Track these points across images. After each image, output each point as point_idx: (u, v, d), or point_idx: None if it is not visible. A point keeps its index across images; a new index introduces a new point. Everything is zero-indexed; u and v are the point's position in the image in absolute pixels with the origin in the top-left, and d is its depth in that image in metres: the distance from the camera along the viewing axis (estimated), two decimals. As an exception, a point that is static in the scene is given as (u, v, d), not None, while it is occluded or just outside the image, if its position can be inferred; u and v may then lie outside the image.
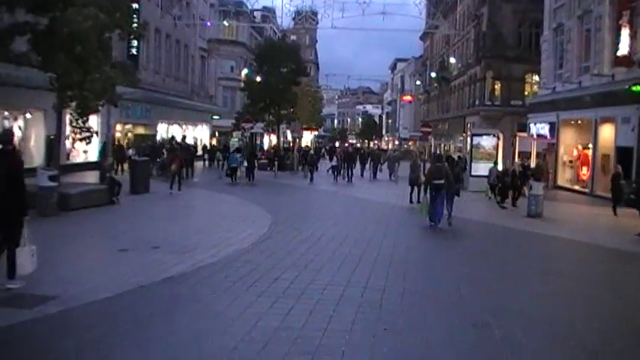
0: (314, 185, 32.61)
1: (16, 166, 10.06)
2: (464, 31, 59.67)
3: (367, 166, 43.48)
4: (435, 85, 76.34)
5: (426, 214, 19.12)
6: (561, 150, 35.00)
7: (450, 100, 68.77)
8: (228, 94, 70.97)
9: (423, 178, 22.63)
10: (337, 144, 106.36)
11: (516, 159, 34.21)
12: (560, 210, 24.44)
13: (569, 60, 34.28)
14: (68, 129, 21.87)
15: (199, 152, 46.80)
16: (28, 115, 29.23)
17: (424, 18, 53.86)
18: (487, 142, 34.82)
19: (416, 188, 24.53)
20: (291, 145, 64.38)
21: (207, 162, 46.33)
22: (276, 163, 41.88)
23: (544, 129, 36.97)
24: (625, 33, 27.35)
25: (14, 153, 10.46)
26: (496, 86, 50.91)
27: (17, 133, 28.74)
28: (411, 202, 24.50)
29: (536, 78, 45.81)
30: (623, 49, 27.45)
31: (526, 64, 47.45)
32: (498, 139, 35.58)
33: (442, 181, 18.64)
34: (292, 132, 62.38)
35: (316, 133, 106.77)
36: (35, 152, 28.18)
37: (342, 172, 37.47)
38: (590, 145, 31.44)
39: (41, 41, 18.54)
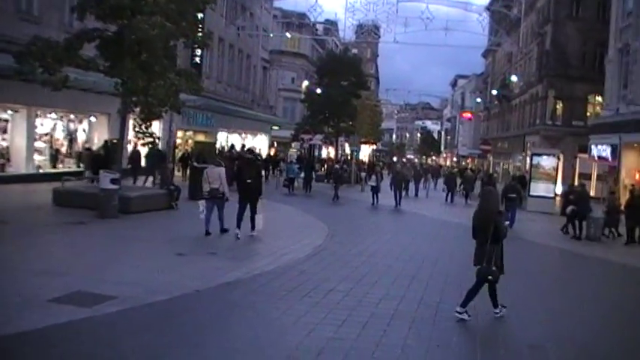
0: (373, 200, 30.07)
1: (259, 168, 19.24)
2: (527, 48, 58.90)
3: (423, 185, 42.69)
4: (496, 102, 75.55)
5: None
6: (623, 173, 34.24)
7: (510, 119, 67.94)
8: (289, 105, 71.42)
9: None
10: (395, 158, 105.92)
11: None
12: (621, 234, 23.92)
13: (634, 81, 33.56)
14: (131, 134, 22.28)
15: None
16: (92, 119, 29.93)
17: (487, 35, 53.38)
18: (547, 162, 34.45)
19: None
20: (349, 158, 64.35)
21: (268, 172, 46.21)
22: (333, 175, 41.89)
23: (606, 151, 36.25)
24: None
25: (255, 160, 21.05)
26: (558, 106, 50.02)
27: (81, 136, 29.56)
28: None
29: (599, 99, 44.94)
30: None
31: (589, 84, 46.56)
32: (559, 159, 35.11)
33: (514, 195, 24.32)
34: (350, 145, 62.22)
35: (374, 147, 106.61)
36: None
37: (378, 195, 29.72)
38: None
39: (108, 48, 18.97)
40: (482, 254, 9.61)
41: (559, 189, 35.52)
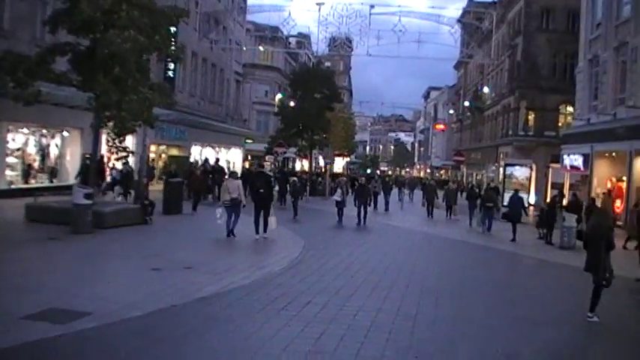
0: (347, 210, 28.17)
1: (268, 178, 21.68)
2: (498, 60, 59.53)
3: (398, 197, 42.63)
4: (469, 114, 76.15)
5: (480, 224, 26.87)
6: (595, 182, 34.56)
7: (483, 130, 68.53)
8: (262, 118, 71.42)
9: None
10: (369, 171, 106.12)
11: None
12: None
13: (604, 91, 33.97)
14: (104, 148, 22.10)
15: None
16: (65, 134, 29.65)
17: (459, 47, 53.69)
18: (520, 172, 34.76)
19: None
20: (323, 170, 64.45)
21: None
22: (307, 188, 41.92)
23: (577, 161, 36.58)
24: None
25: (265, 172, 24.76)
26: (530, 116, 50.61)
27: (54, 151, 29.29)
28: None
29: (570, 109, 45.44)
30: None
31: (560, 94, 47.14)
32: (531, 169, 35.38)
33: (491, 204, 26.58)
34: (325, 158, 62.35)
35: (348, 159, 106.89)
36: (71, 170, 28.55)
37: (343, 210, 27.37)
38: (625, 178, 31.06)
39: (81, 62, 18.80)
40: (595, 263, 11.20)
41: (532, 199, 35.80)
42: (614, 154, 33.14)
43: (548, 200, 31.72)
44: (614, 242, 11.56)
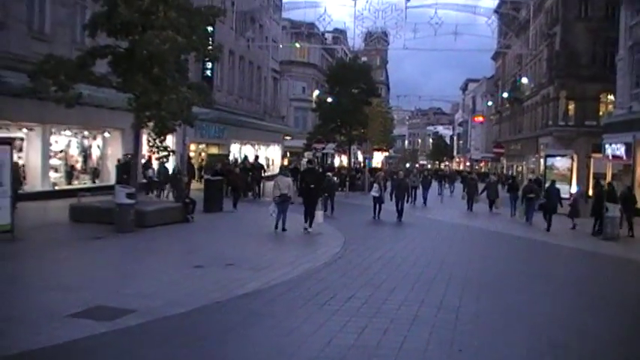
0: (385, 205, 27.28)
1: (318, 175, 24.84)
2: (536, 50, 58.76)
3: (439, 190, 42.35)
4: (507, 105, 75.38)
5: (523, 215, 27.21)
6: (638, 171, 33.96)
7: (522, 121, 67.72)
8: (300, 114, 71.52)
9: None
10: (407, 165, 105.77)
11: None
12: (637, 233, 23.61)
13: (646, 79, 33.39)
14: (145, 148, 22.35)
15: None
16: (106, 135, 30.05)
17: (496, 38, 53.25)
18: (561, 163, 34.32)
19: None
20: (362, 165, 64.30)
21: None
22: (347, 183, 41.91)
23: (620, 150, 35.98)
24: None
25: (315, 169, 30.09)
26: (570, 106, 49.89)
27: (95, 152, 29.70)
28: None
29: (611, 97, 44.66)
30: None
31: (601, 83, 46.34)
32: (573, 160, 34.92)
33: (533, 195, 26.65)
34: (363, 153, 62.12)
35: (387, 154, 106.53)
36: (112, 170, 28.91)
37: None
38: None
39: (120, 63, 19.05)
40: None
41: (574, 189, 35.36)
42: (657, 142, 32.55)
43: (590, 191, 31.34)
44: None
